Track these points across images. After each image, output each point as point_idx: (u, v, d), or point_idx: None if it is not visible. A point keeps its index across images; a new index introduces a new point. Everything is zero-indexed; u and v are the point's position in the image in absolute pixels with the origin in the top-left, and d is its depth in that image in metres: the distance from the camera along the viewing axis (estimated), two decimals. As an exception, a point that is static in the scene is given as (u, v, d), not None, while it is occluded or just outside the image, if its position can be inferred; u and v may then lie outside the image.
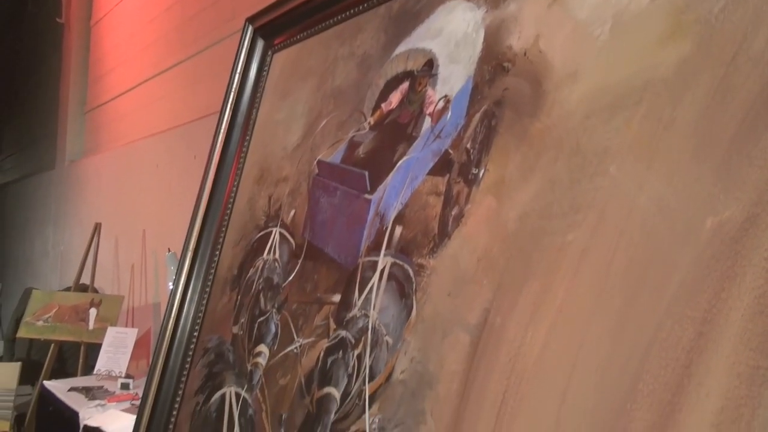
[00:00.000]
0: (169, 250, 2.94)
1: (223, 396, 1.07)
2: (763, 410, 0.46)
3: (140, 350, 3.65)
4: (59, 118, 5.46)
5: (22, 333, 3.50)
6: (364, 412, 0.79)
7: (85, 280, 3.93)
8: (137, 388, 2.97)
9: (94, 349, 3.42)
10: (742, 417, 0.47)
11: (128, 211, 4.06)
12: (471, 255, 0.74)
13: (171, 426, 1.16)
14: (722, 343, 0.50)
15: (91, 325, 3.47)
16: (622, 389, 0.55)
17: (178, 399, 1.17)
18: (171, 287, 1.40)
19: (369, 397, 0.79)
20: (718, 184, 0.54)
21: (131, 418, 2.26)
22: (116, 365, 3.30)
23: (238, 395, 1.04)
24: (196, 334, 1.20)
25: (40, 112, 6.08)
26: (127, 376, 3.21)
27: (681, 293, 0.54)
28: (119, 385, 3.09)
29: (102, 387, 3.12)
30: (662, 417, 0.52)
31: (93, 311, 3.51)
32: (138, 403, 1.51)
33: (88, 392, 3.04)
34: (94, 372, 3.28)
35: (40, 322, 3.50)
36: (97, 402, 2.88)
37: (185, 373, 1.18)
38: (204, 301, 1.21)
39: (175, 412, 1.16)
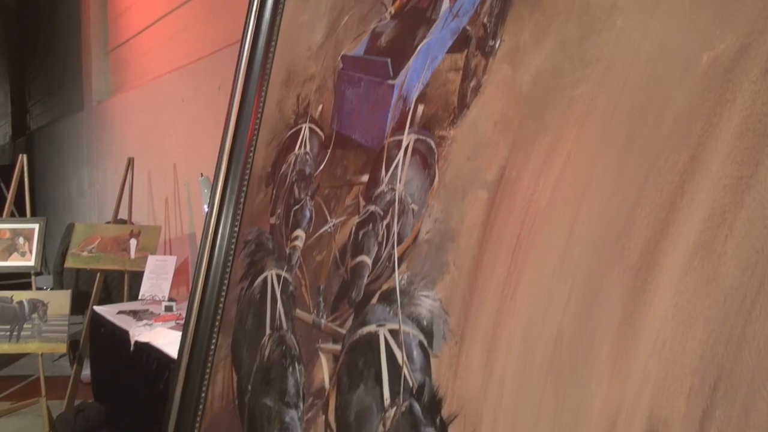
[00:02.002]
0: (202, 175, 3.05)
1: (265, 279, 1.18)
2: (745, 212, 0.53)
3: (179, 278, 3.85)
4: (83, 60, 5.53)
5: (69, 263, 3.73)
6: (393, 271, 0.88)
7: (123, 215, 4.11)
8: (180, 310, 3.18)
9: (136, 279, 3.63)
10: (726, 221, 0.54)
11: (158, 147, 4.18)
12: (488, 121, 0.80)
13: (220, 310, 1.28)
14: (712, 162, 0.56)
15: (132, 255, 3.67)
16: (622, 216, 0.62)
17: (224, 287, 1.28)
18: (206, 209, 1.49)
19: (398, 258, 0.88)
20: (715, 21, 0.58)
21: (177, 335, 2.44)
22: (159, 290, 3.52)
23: (278, 276, 1.15)
24: (236, 229, 1.30)
25: (64, 55, 6.16)
26: (170, 299, 3.43)
27: (677, 124, 0.59)
28: (163, 308, 3.30)
29: (147, 310, 3.34)
30: (657, 232, 0.59)
31: (133, 241, 3.70)
32: (182, 322, 1.65)
33: (136, 314, 3.26)
34: (139, 297, 3.50)
35: (85, 253, 3.71)
36: (144, 321, 3.10)
37: (229, 264, 1.30)
38: (241, 200, 1.31)
39: (222, 299, 1.28)
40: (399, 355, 0.83)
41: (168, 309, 3.28)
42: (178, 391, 1.31)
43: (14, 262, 3.63)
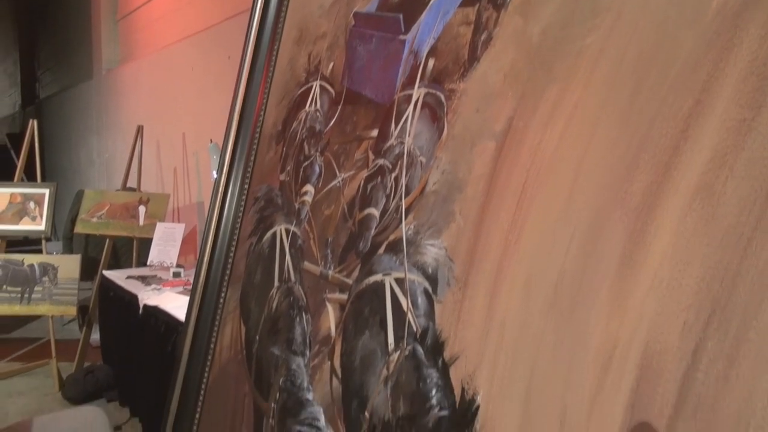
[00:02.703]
0: (211, 141, 3.07)
1: (274, 234, 1.21)
2: (746, 153, 0.54)
3: (187, 246, 3.90)
4: (92, 28, 5.52)
5: (79, 229, 3.78)
6: (400, 222, 0.90)
7: (132, 184, 4.15)
8: (188, 276, 3.22)
9: (145, 246, 3.68)
10: (727, 162, 0.55)
11: (167, 115, 4.20)
12: (498, 73, 0.81)
13: (229, 265, 1.31)
14: (716, 105, 0.57)
15: (141, 221, 3.72)
16: (626, 162, 0.64)
17: (234, 242, 1.31)
18: (215, 176, 1.51)
19: (405, 210, 0.90)
20: (726, -34, 0.59)
21: (185, 299, 2.48)
22: (167, 257, 3.57)
23: (287, 230, 1.17)
24: (246, 186, 1.32)
25: (74, 24, 6.14)
26: (178, 266, 3.47)
27: (684, 70, 0.60)
28: (172, 274, 3.35)
29: (156, 276, 3.39)
30: (659, 176, 0.60)
31: (142, 208, 3.74)
32: (190, 288, 1.67)
33: (144, 280, 3.31)
34: (148, 264, 3.55)
35: (95, 219, 3.76)
36: (153, 286, 3.15)
37: (239, 220, 1.32)
38: (252, 157, 1.33)
39: (231, 253, 1.31)
40: (404, 302, 0.86)
41: (176, 275, 3.33)
42: (187, 343, 1.35)
43: (25, 226, 3.68)
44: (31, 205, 3.70)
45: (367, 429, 0.87)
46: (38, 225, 3.69)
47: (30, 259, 3.54)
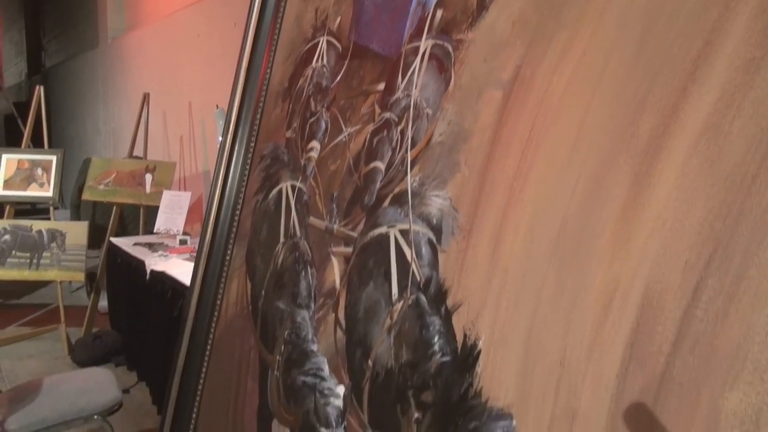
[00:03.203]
0: (218, 107, 3.06)
1: (280, 190, 1.21)
2: (754, 92, 0.54)
3: (194, 215, 3.92)
4: (98, -5, 5.47)
5: (86, 196, 3.80)
6: (406, 174, 0.91)
7: (138, 153, 4.15)
8: (194, 243, 3.24)
9: (152, 215, 3.70)
10: (735, 102, 0.55)
11: (174, 83, 4.18)
12: (506, 21, 0.80)
13: (235, 223, 1.32)
14: (726, 45, 0.57)
15: (148, 189, 3.73)
16: (633, 106, 0.63)
17: (240, 201, 1.32)
18: (221, 139, 1.51)
19: (411, 162, 0.90)
20: None
21: (192, 266, 2.51)
22: (174, 224, 3.59)
23: (293, 187, 1.18)
24: (252, 145, 1.33)
25: (79, -9, 6.08)
26: (185, 233, 3.50)
27: (694, 12, 0.60)
28: (178, 241, 3.38)
29: (163, 243, 3.42)
30: (666, 118, 0.60)
31: (149, 176, 3.75)
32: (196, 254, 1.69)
33: (151, 246, 3.34)
34: (154, 231, 3.57)
35: (102, 186, 3.78)
36: (160, 253, 3.18)
37: (245, 179, 1.33)
38: (258, 116, 1.33)
39: (238, 212, 1.32)
40: (408, 253, 0.86)
41: (183, 242, 3.36)
42: (194, 300, 1.37)
43: (33, 192, 3.71)
44: (39, 171, 3.72)
45: (369, 377, 0.89)
46: (46, 191, 3.71)
47: (38, 225, 3.57)
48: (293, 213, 1.15)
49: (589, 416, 0.61)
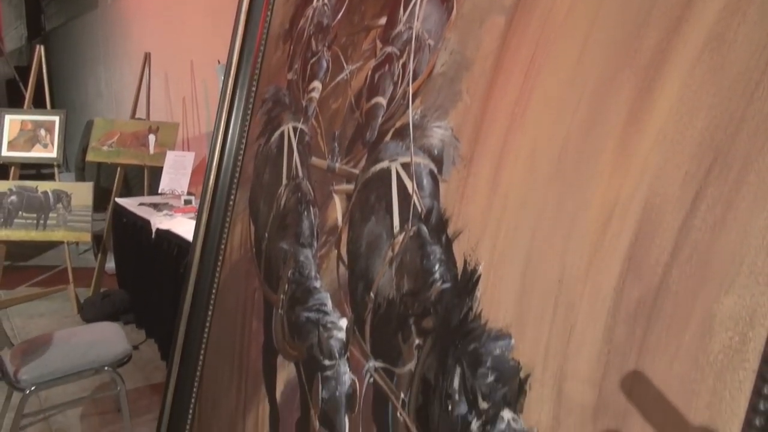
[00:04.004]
0: (219, 62, 3.03)
1: (281, 133, 1.21)
2: (760, -3, 0.53)
3: (198, 176, 3.92)
4: (96, -46, 5.36)
5: (90, 157, 3.81)
6: (407, 108, 0.90)
7: (141, 115, 4.13)
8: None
9: (156, 176, 3.71)
10: (740, 8, 0.54)
11: (174, 43, 4.13)
12: (510, -56, 0.78)
13: (238, 168, 1.32)
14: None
15: (151, 150, 3.73)
16: (638, 20, 0.62)
17: (242, 145, 1.32)
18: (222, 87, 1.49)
19: (412, 94, 0.90)
20: None
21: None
22: (178, 185, 3.60)
23: (295, 128, 1.17)
24: (254, 89, 1.32)
25: (76, -50, 5.96)
26: (189, 194, 3.51)
27: None
28: (183, 202, 3.40)
29: (167, 203, 3.44)
30: (669, 32, 0.59)
31: (152, 137, 3.75)
32: None
33: (156, 206, 3.36)
34: (159, 192, 3.59)
35: (105, 147, 3.78)
36: (165, 212, 3.20)
37: (247, 124, 1.32)
38: (259, 59, 1.31)
39: (240, 157, 1.32)
40: (409, 185, 0.87)
41: (187, 202, 3.37)
42: (198, 245, 1.39)
43: (37, 153, 3.71)
44: (42, 132, 3.72)
45: (372, 308, 0.90)
46: (50, 152, 3.72)
47: (43, 186, 3.59)
48: (295, 154, 1.15)
49: (585, 330, 0.62)
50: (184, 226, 2.89)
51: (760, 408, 0.48)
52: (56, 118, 3.71)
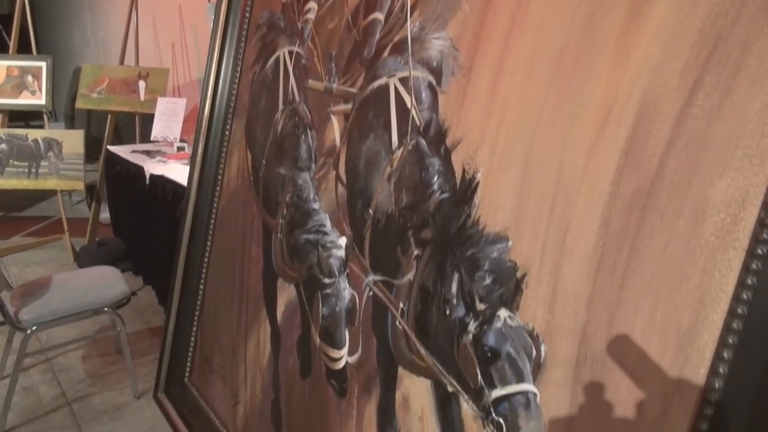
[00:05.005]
0: (210, 1, 2.95)
1: (277, 58, 1.19)
2: None
3: (190, 124, 3.87)
4: None
5: (80, 104, 3.74)
6: (405, 21, 0.89)
7: (130, 62, 4.03)
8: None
9: (147, 124, 3.65)
10: None
11: (161, -15, 4.00)
12: None
13: (233, 97, 1.31)
14: None
15: (142, 96, 3.67)
16: None
17: (237, 74, 1.30)
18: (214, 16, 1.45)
19: (410, 7, 0.88)
20: None
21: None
22: (170, 132, 3.56)
23: (291, 52, 1.16)
24: (247, 15, 1.29)
25: None
26: (182, 140, 3.47)
27: None
28: (176, 148, 3.36)
29: (160, 150, 3.41)
30: None
31: (142, 83, 3.67)
32: None
33: (149, 153, 3.33)
34: (151, 139, 3.54)
35: (95, 94, 3.71)
36: (158, 158, 3.18)
37: (241, 51, 1.30)
38: (253, -16, 1.28)
39: (235, 85, 1.31)
40: (408, 100, 0.86)
41: (180, 149, 3.34)
42: (195, 177, 1.39)
43: (25, 99, 3.65)
44: (29, 78, 3.64)
45: (371, 224, 0.91)
46: (38, 99, 3.65)
47: (34, 134, 3.54)
48: (291, 78, 1.14)
49: (582, 226, 0.63)
50: (178, 172, 2.87)
51: (748, 282, 0.50)
52: (43, 64, 3.63)
